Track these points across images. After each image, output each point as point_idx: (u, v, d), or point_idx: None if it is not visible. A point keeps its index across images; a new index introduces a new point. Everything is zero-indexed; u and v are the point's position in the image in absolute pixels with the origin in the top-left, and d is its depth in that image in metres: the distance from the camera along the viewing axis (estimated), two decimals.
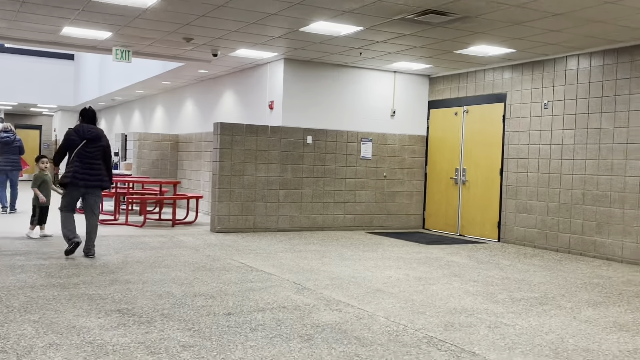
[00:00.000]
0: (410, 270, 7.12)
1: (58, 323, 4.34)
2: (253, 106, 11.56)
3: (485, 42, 8.58)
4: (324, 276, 6.52)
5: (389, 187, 11.43)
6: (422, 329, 4.56)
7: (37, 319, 4.43)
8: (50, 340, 3.95)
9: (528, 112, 9.70)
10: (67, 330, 4.19)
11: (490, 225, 10.31)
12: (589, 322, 4.95)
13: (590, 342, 4.38)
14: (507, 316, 5.06)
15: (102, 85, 18.06)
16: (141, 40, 9.44)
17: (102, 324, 4.35)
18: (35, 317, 4.47)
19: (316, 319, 4.75)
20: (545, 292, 6.13)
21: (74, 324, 4.34)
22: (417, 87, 11.63)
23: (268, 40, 9.08)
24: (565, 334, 4.59)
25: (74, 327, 4.26)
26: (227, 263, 7.12)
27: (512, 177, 9.94)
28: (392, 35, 8.43)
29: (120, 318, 4.54)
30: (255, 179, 10.29)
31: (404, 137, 11.54)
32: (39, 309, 4.71)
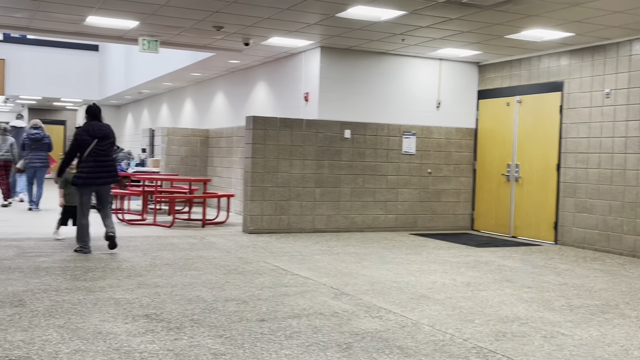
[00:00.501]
0: (458, 274, 7.06)
1: (84, 328, 4.44)
2: (287, 98, 11.61)
3: (539, 25, 8.44)
4: (363, 281, 6.52)
5: (434, 185, 11.35)
6: (470, 339, 4.52)
7: (62, 324, 4.54)
8: (75, 346, 4.05)
9: (588, 101, 9.51)
10: (93, 336, 4.28)
11: (546, 226, 10.15)
12: None
13: None
14: (565, 325, 4.98)
15: (128, 77, 18.38)
16: (169, 30, 9.58)
17: (129, 330, 4.44)
18: (60, 322, 4.59)
19: (355, 326, 4.75)
20: (607, 299, 6.00)
21: (100, 329, 4.44)
22: (464, 75, 11.51)
23: (303, 27, 9.11)
24: (629, 345, 4.50)
25: (100, 332, 4.36)
26: (260, 266, 7.18)
27: (570, 174, 9.76)
28: (438, 20, 8.36)
29: (148, 324, 4.62)
30: (290, 176, 10.34)
31: (450, 130, 11.44)
32: (64, 314, 4.83)
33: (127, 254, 7.66)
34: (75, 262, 7.00)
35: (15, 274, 6.25)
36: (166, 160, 14.67)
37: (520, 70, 10.67)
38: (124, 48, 18.29)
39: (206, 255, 7.85)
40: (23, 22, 9.44)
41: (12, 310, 4.89)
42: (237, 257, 7.77)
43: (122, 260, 7.21)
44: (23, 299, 5.24)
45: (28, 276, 6.18)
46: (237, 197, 13.22)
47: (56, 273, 6.37)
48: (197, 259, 7.53)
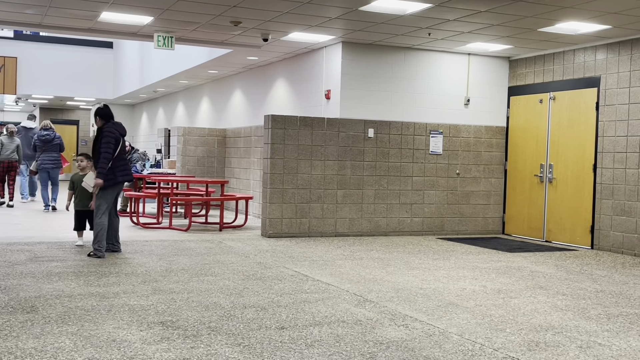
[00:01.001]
0: (488, 281, 7.02)
1: (97, 336, 4.49)
2: (308, 96, 11.63)
3: (574, 17, 8.36)
4: (388, 287, 6.50)
5: (462, 187, 11.29)
6: (501, 349, 4.49)
7: (75, 331, 4.59)
8: (89, 354, 4.09)
9: (626, 98, 9.40)
10: (107, 343, 4.33)
11: (582, 230, 10.04)
12: None
13: None
14: (602, 335, 4.92)
15: (143, 75, 18.55)
16: (185, 25, 9.65)
17: (144, 338, 4.48)
18: (73, 329, 4.64)
19: (380, 335, 4.74)
20: None
21: (114, 337, 4.48)
22: (495, 71, 11.44)
23: (324, 21, 9.12)
24: None
25: (114, 340, 4.40)
26: (279, 271, 7.20)
27: (607, 174, 9.65)
28: (466, 13, 8.32)
29: (163, 331, 4.66)
30: (311, 177, 10.35)
31: (479, 129, 11.37)
32: (77, 320, 4.88)
33: (142, 259, 7.72)
34: (88, 268, 7.07)
35: (27, 279, 6.33)
36: (182, 161, 14.77)
37: (554, 66, 10.58)
38: (139, 45, 18.47)
39: (224, 260, 7.89)
40: (35, 19, 9.57)
41: (24, 316, 4.96)
42: (255, 262, 7.80)
43: (137, 265, 7.27)
44: (35, 305, 5.31)
45: (40, 281, 6.26)
46: (255, 200, 13.27)
47: (69, 278, 6.45)
48: (215, 263, 7.57)
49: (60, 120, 27.36)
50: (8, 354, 4.05)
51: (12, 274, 6.61)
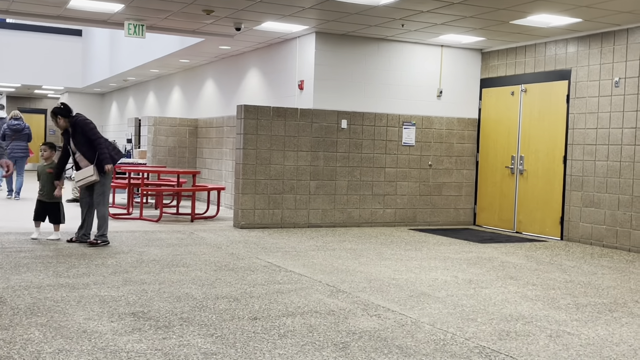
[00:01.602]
0: (460, 271, 7.09)
1: (67, 327, 4.45)
2: (281, 86, 11.61)
3: (546, 10, 8.45)
4: (360, 278, 6.54)
5: (434, 178, 11.38)
6: (472, 338, 4.55)
7: (44, 322, 4.54)
8: (59, 345, 4.05)
9: (596, 91, 9.53)
10: (77, 334, 4.29)
11: (552, 222, 10.19)
12: None
13: None
14: (571, 324, 5.01)
15: (113, 64, 18.33)
16: (156, 13, 9.55)
17: (115, 329, 4.45)
18: (42, 320, 4.59)
19: (352, 325, 4.77)
20: (615, 297, 6.04)
21: (84, 328, 4.45)
22: (467, 63, 11.52)
23: (297, 11, 9.09)
24: (638, 344, 4.53)
25: (84, 331, 4.37)
26: (252, 262, 7.19)
27: (577, 166, 9.79)
28: (439, 4, 8.36)
29: (135, 322, 4.63)
30: (284, 168, 10.34)
31: (452, 121, 11.46)
32: (47, 311, 4.83)
33: (112, 250, 7.66)
34: (57, 259, 6.99)
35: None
36: (153, 151, 14.65)
37: (526, 58, 10.69)
38: (109, 33, 18.23)
39: (195, 251, 7.86)
40: (2, 5, 9.39)
41: None
42: (228, 252, 7.78)
43: (107, 256, 7.21)
44: (3, 297, 5.24)
45: (8, 272, 6.17)
46: (227, 190, 13.22)
47: (38, 269, 6.37)
48: (186, 254, 7.54)
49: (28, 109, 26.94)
50: None
51: None
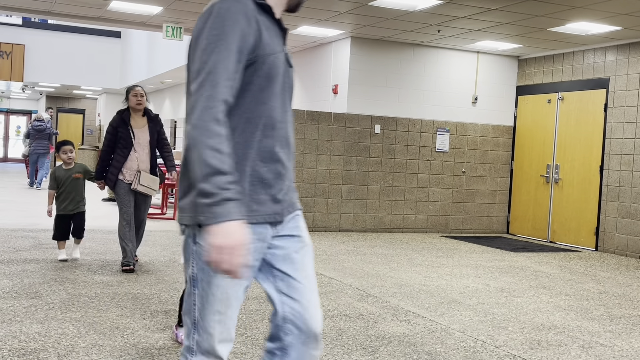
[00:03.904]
0: (491, 279, 7.03)
1: (100, 323, 4.52)
2: (315, 90, 11.64)
3: (585, 18, 8.34)
4: (391, 283, 6.52)
5: (468, 185, 11.30)
6: (503, 346, 4.51)
7: (78, 317, 4.63)
8: (92, 340, 4.13)
9: (635, 100, 9.38)
10: (110, 330, 4.36)
11: (587, 232, 10.04)
12: None
13: None
14: (604, 336, 4.94)
15: (150, 66, 18.57)
16: (194, 16, 9.67)
17: (147, 325, 4.51)
18: (76, 316, 4.68)
19: (382, 329, 4.77)
20: None
21: (117, 324, 4.52)
22: (503, 70, 11.43)
23: (333, 15, 9.12)
24: None
25: (117, 327, 4.44)
26: None
27: (614, 176, 9.64)
28: (476, 10, 8.32)
29: (166, 320, 4.69)
30: (316, 172, 10.37)
31: (487, 128, 11.37)
32: (81, 307, 4.92)
33: (146, 249, 7.76)
34: (92, 256, 7.11)
35: (31, 265, 6.37)
36: None
37: (563, 66, 10.57)
38: (147, 35, 18.49)
39: None
40: (44, 6, 9.60)
41: (28, 302, 5.00)
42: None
43: (141, 255, 7.31)
44: (39, 291, 5.35)
45: (44, 268, 6.30)
46: None
47: (73, 266, 6.49)
48: None
49: (66, 109, 27.43)
50: (12, 338, 4.09)
51: (17, 260, 6.65)
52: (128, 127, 6.37)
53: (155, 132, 6.50)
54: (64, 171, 6.65)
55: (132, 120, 6.42)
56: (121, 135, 6.34)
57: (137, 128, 6.43)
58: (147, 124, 6.48)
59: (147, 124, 6.48)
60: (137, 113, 6.46)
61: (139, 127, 6.45)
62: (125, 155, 6.33)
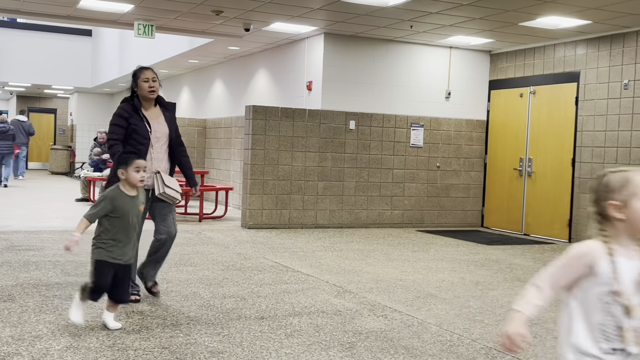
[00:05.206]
0: (467, 273, 7.09)
1: (75, 324, 4.47)
2: (289, 87, 11.62)
3: (556, 12, 8.43)
4: (367, 278, 6.54)
5: (442, 180, 11.37)
6: (479, 339, 4.54)
7: (52, 320, 4.57)
8: (67, 342, 4.08)
9: (605, 93, 9.50)
10: (85, 332, 4.31)
11: (560, 224, 10.16)
12: None
13: None
14: None
15: (122, 64, 18.39)
16: (166, 14, 9.59)
17: (123, 327, 4.47)
18: (50, 318, 4.62)
19: (359, 325, 4.78)
20: None
21: (92, 326, 4.47)
22: (476, 64, 11.51)
23: (306, 12, 9.11)
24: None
25: (92, 329, 4.39)
26: (259, 262, 7.21)
27: (585, 169, 9.76)
28: (448, 6, 8.36)
29: (142, 320, 4.65)
30: (291, 169, 10.36)
31: (460, 122, 11.44)
32: (55, 309, 4.86)
33: None
34: (66, 257, 7.03)
35: (3, 268, 6.28)
36: None
37: (534, 60, 10.67)
38: (118, 33, 18.30)
39: (203, 250, 7.88)
40: (13, 5, 9.45)
41: (1, 305, 4.92)
42: (235, 252, 7.80)
43: None
44: (12, 294, 5.27)
45: (17, 270, 6.21)
46: (235, 191, 13.25)
47: (47, 267, 6.41)
48: (194, 254, 7.56)
49: (37, 109, 27.06)
50: None
51: None
52: (142, 117, 5.16)
53: (174, 124, 5.36)
54: (128, 199, 4.39)
55: (143, 110, 5.21)
56: (135, 129, 5.09)
57: (153, 119, 5.22)
58: (163, 114, 5.32)
59: (162, 114, 5.31)
60: (149, 102, 5.25)
61: (154, 118, 5.24)
62: (144, 153, 5.04)
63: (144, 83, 5.19)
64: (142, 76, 5.20)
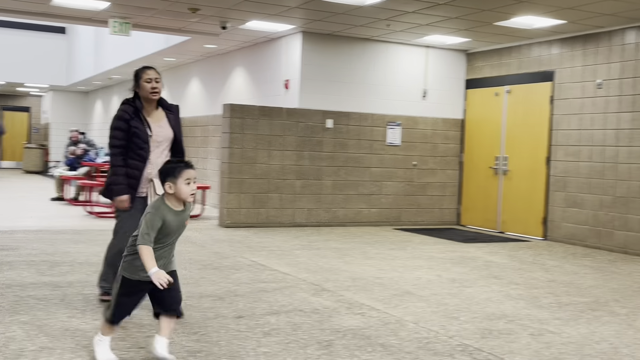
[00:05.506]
0: (443, 270, 7.13)
1: (50, 325, 4.43)
2: (267, 86, 11.60)
3: (530, 12, 8.51)
4: (345, 276, 6.55)
5: (419, 178, 11.42)
6: (456, 336, 4.58)
7: (27, 320, 4.52)
8: (41, 343, 4.04)
9: (579, 92, 9.62)
10: (60, 332, 4.27)
11: (535, 222, 10.26)
12: None
13: None
14: (553, 323, 5.06)
15: (97, 62, 18.22)
16: (141, 11, 9.52)
17: (98, 326, 4.43)
18: (25, 319, 4.56)
19: (336, 323, 4.79)
20: (596, 296, 6.10)
21: (67, 326, 4.43)
22: (452, 64, 11.58)
23: (284, 10, 9.10)
24: (619, 343, 4.58)
25: (67, 329, 4.35)
26: (237, 261, 7.19)
27: (560, 167, 9.87)
28: (424, 5, 8.40)
29: None
30: (269, 167, 10.34)
31: (437, 121, 11.50)
32: (29, 309, 4.80)
33: (96, 248, 7.62)
34: (40, 257, 6.95)
35: None
36: None
37: (510, 59, 10.76)
38: (94, 30, 18.13)
39: (180, 249, 7.81)
40: None
41: None
42: (212, 251, 7.77)
43: (91, 255, 7.17)
44: None
45: None
46: (213, 190, 13.20)
47: (21, 267, 6.33)
48: None
49: (10, 107, 26.71)
50: None
51: None
52: (143, 120, 4.88)
53: (179, 127, 5.07)
54: (174, 215, 3.75)
55: (144, 113, 4.91)
56: (135, 132, 4.80)
57: (155, 122, 4.93)
58: (166, 116, 5.01)
59: (165, 116, 5.00)
60: (150, 104, 4.94)
61: (156, 121, 4.94)
62: (144, 158, 4.81)
63: (146, 84, 4.85)
64: (145, 76, 4.87)
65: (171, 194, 3.71)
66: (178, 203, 3.75)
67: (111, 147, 4.87)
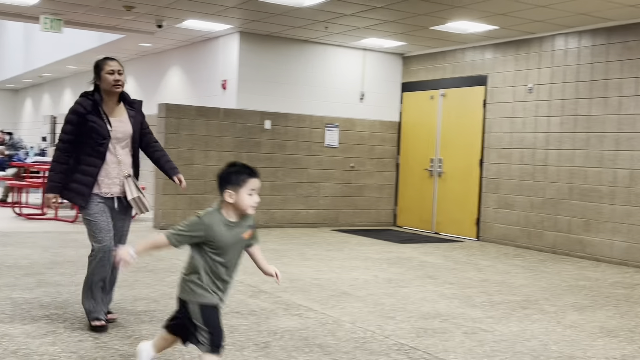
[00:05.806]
0: (380, 271, 7.20)
1: None
2: (204, 86, 11.48)
3: (464, 17, 8.69)
4: (282, 278, 6.52)
5: (356, 179, 11.51)
6: (392, 336, 4.63)
7: None
8: None
9: (511, 96, 9.88)
10: None
11: (469, 222, 10.48)
12: (574, 328, 5.09)
13: (575, 349, 4.52)
14: (486, 321, 5.17)
15: (27, 59, 17.67)
16: (74, 8, 9.28)
17: (27, 331, 4.29)
18: None
19: (274, 324, 4.77)
20: (527, 295, 6.27)
21: None
22: (389, 67, 11.72)
23: (221, 10, 9.02)
24: (548, 340, 4.72)
25: None
26: (172, 263, 7.09)
27: (492, 169, 10.11)
28: (362, 8, 8.47)
29: (49, 325, 4.48)
30: (206, 168, 10.23)
31: (374, 123, 11.62)
32: None
33: (25, 251, 7.38)
34: None
35: None
36: None
37: (445, 63, 10.96)
38: (24, 27, 17.58)
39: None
40: None
41: None
42: (147, 254, 7.63)
43: (20, 257, 6.94)
44: None
45: None
46: (148, 191, 12.97)
47: None
48: None
49: None
50: None
51: None
52: (102, 114, 4.53)
53: (138, 123, 4.73)
54: (228, 227, 3.47)
55: (105, 107, 4.58)
56: (93, 127, 4.45)
57: (114, 117, 4.59)
58: (127, 112, 4.70)
59: (126, 112, 4.69)
60: (112, 97, 4.60)
61: (117, 116, 4.61)
62: (101, 156, 4.49)
63: (108, 75, 4.51)
64: (107, 67, 4.52)
65: (230, 203, 3.38)
66: (235, 214, 3.41)
67: (59, 141, 4.56)
